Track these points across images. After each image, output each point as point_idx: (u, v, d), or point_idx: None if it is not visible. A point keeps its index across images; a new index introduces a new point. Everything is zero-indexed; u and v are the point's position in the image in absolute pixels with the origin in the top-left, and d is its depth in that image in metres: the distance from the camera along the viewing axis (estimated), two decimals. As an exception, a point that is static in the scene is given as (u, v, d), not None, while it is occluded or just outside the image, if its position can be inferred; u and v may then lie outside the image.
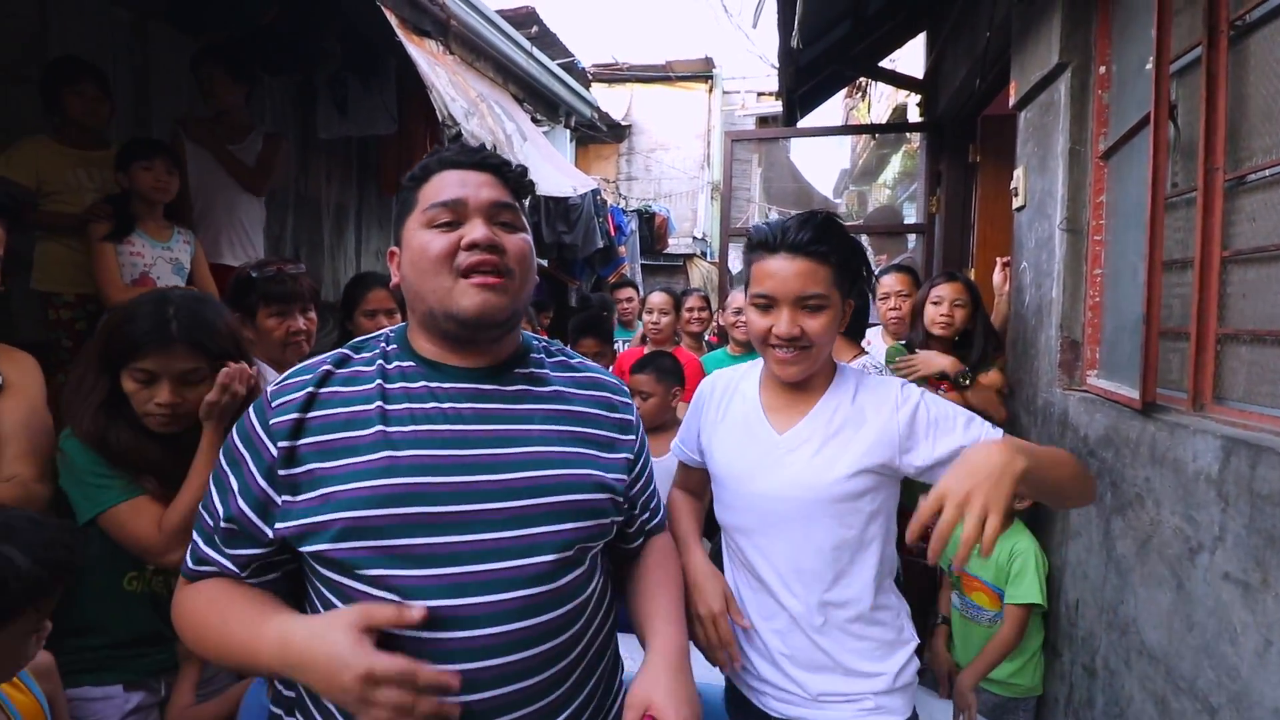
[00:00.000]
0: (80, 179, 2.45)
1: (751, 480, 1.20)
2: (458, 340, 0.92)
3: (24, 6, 2.80)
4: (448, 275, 0.89)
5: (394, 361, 0.93)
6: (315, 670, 0.75)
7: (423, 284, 0.90)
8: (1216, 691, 1.20)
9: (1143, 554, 1.49)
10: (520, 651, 0.84)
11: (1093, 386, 1.91)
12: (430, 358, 0.94)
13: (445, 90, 3.11)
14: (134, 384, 1.29)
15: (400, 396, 0.89)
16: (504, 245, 0.91)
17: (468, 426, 0.89)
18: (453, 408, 0.90)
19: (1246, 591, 1.14)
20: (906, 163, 10.21)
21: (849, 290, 1.18)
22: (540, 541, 0.87)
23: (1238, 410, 1.30)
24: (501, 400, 0.93)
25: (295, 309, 1.79)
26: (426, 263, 0.89)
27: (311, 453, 0.85)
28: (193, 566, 0.89)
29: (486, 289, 0.89)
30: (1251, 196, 1.33)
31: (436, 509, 0.83)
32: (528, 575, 0.85)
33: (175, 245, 2.52)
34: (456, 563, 0.82)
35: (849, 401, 1.19)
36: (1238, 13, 1.35)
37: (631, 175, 11.56)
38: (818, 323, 1.13)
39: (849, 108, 11.79)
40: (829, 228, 1.14)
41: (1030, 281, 2.31)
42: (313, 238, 4.40)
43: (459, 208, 0.91)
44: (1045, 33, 2.14)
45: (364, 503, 0.82)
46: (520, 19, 5.68)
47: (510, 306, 0.92)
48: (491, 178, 0.94)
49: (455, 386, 0.92)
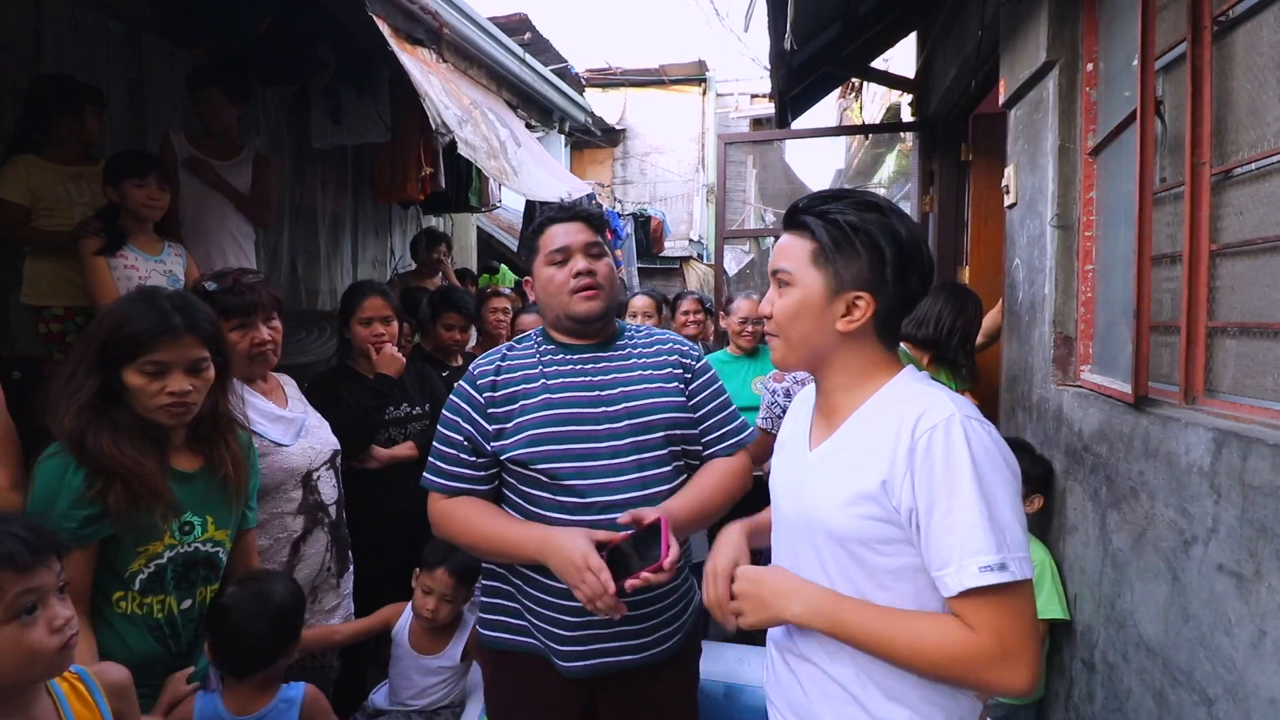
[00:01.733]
0: (70, 194, 2.46)
1: (783, 499, 1.10)
2: (576, 332, 1.46)
3: (18, 20, 2.81)
4: (566, 294, 1.42)
5: (543, 346, 1.48)
6: (561, 554, 1.22)
7: (552, 300, 1.44)
8: (1213, 683, 1.21)
9: (1138, 547, 1.50)
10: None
11: (1086, 381, 1.91)
12: (564, 341, 1.48)
13: (438, 98, 3.13)
14: (142, 378, 1.29)
15: (551, 364, 1.45)
16: (596, 270, 1.43)
17: (591, 378, 1.43)
18: (582, 367, 1.44)
19: (1240, 582, 1.14)
20: (901, 162, 10.23)
21: (850, 278, 0.97)
22: (645, 443, 1.39)
23: (1229, 403, 1.31)
24: (610, 360, 1.46)
25: (257, 319, 1.71)
26: (554, 287, 1.43)
27: (503, 399, 1.41)
28: (447, 483, 1.41)
29: (590, 299, 1.42)
30: (1238, 190, 1.34)
31: (579, 427, 1.37)
32: (640, 463, 1.38)
33: (167, 258, 2.52)
34: (595, 457, 1.36)
35: (881, 414, 0.97)
36: (1221, 8, 1.36)
37: (626, 179, 11.59)
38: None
39: (843, 108, 11.82)
40: (828, 198, 1.00)
41: (1023, 278, 2.32)
42: (309, 247, 4.41)
43: (566, 251, 1.43)
44: (1032, 31, 2.15)
45: (535, 424, 1.37)
46: (513, 26, 5.70)
47: (605, 307, 1.44)
48: (583, 225, 1.46)
49: (582, 356, 1.46)
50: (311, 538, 1.80)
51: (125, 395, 1.31)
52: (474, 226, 6.47)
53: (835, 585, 0.97)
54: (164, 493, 1.30)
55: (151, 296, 1.35)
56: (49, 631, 0.98)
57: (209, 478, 1.43)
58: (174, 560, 1.37)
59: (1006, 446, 0.93)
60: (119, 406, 1.30)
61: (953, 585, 0.87)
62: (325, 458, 1.86)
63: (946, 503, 0.87)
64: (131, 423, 1.30)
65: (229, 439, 1.46)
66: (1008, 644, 0.86)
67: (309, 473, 1.80)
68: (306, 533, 1.79)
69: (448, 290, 3.12)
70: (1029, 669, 0.87)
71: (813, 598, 0.96)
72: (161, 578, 1.35)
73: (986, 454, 0.89)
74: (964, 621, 0.88)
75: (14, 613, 0.96)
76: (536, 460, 1.36)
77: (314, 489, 1.81)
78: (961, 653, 0.87)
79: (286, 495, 1.75)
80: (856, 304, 0.97)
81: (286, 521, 1.75)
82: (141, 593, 1.33)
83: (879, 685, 0.96)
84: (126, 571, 1.31)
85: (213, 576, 1.45)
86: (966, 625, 0.88)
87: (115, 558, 1.30)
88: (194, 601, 1.41)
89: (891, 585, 0.94)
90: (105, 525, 1.27)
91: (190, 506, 1.39)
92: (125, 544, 1.30)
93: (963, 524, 0.86)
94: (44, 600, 0.99)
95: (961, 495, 0.87)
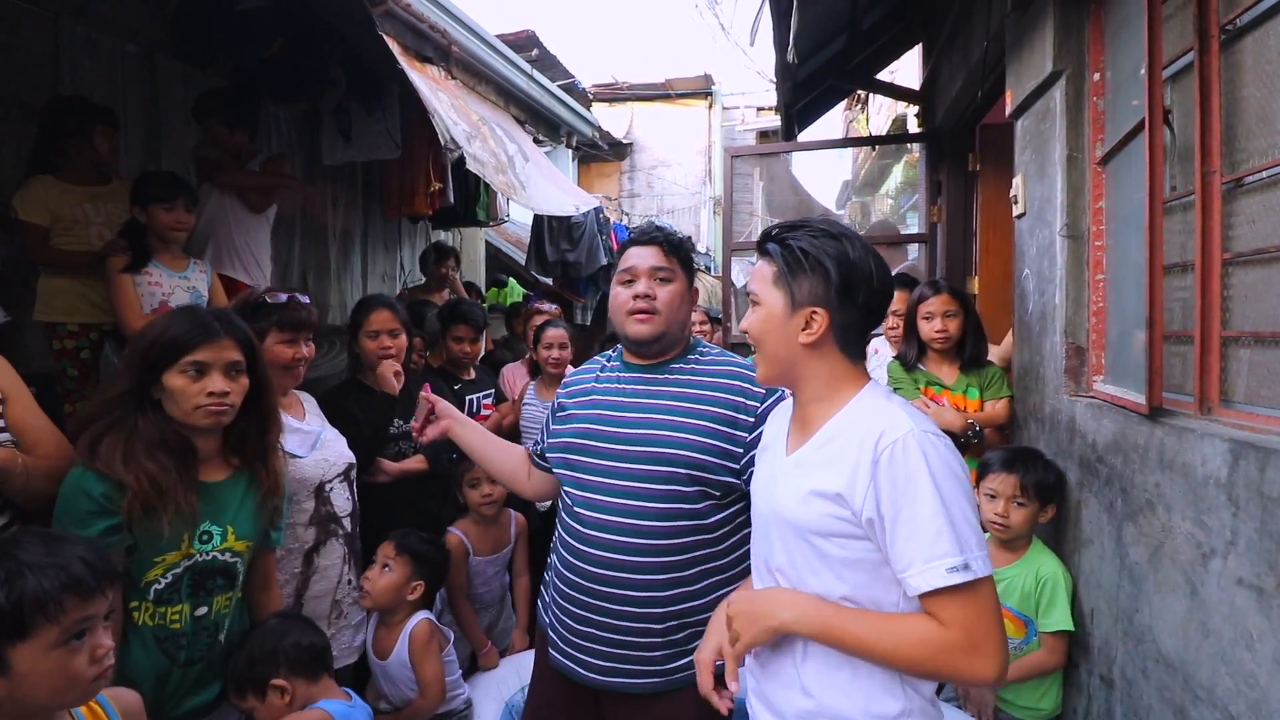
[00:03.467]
0: (87, 213, 2.50)
1: (759, 497, 1.20)
2: (635, 351, 1.52)
3: (36, 42, 2.87)
4: (623, 314, 1.48)
5: (611, 362, 1.58)
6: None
7: (615, 318, 1.51)
8: (1235, 699, 1.18)
9: (1155, 561, 1.47)
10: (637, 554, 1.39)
11: (1099, 392, 1.89)
12: (627, 360, 1.55)
13: (447, 115, 3.16)
14: (184, 379, 1.34)
15: (604, 381, 1.55)
16: (656, 295, 1.46)
17: (625, 399, 1.48)
18: (624, 388, 1.50)
19: (1261, 596, 1.12)
20: (908, 173, 10.24)
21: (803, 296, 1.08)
22: (647, 474, 1.40)
23: (1245, 413, 1.29)
24: (655, 384, 1.48)
25: (303, 337, 1.84)
26: (616, 305, 1.51)
27: (563, 408, 1.58)
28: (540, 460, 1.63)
29: (641, 323, 1.46)
30: (1250, 198, 1.33)
31: (593, 443, 1.46)
32: (635, 491, 1.40)
33: (192, 274, 2.57)
34: (599, 475, 1.44)
35: (850, 424, 1.07)
36: (1228, 16, 1.35)
37: (634, 192, 11.64)
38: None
39: (849, 120, 11.85)
40: (792, 227, 1.12)
41: (1033, 288, 2.31)
42: (319, 262, 4.45)
43: (633, 272, 1.48)
44: (1039, 41, 2.15)
45: (566, 435, 1.52)
46: (520, 42, 5.77)
47: (657, 332, 1.46)
48: (656, 249, 1.49)
49: (631, 376, 1.52)
50: (326, 549, 1.82)
51: (164, 402, 1.36)
52: (482, 241, 6.51)
53: (801, 574, 1.08)
54: (182, 503, 1.32)
55: (191, 309, 1.46)
56: (90, 660, 0.99)
57: (235, 488, 1.46)
58: (190, 569, 1.38)
59: (960, 456, 1.04)
60: (145, 414, 1.34)
61: (921, 585, 0.96)
62: (339, 470, 1.88)
63: (910, 511, 0.97)
64: (154, 433, 1.33)
65: (272, 452, 1.51)
66: (975, 636, 0.95)
67: (321, 484, 1.82)
68: (319, 544, 1.81)
69: (456, 303, 3.14)
70: (997, 658, 0.96)
71: (803, 605, 1.04)
72: (177, 587, 1.37)
73: (944, 465, 0.99)
74: (935, 618, 0.97)
75: (66, 637, 0.97)
76: (560, 467, 1.52)
77: (326, 500, 1.84)
78: (936, 647, 0.96)
79: (299, 506, 1.78)
80: (813, 319, 1.09)
81: (299, 532, 1.78)
82: (156, 602, 1.35)
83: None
84: (143, 581, 1.33)
85: (229, 586, 1.46)
86: (938, 622, 0.97)
87: (131, 567, 1.32)
88: (209, 610, 1.42)
89: (848, 576, 1.04)
90: (125, 535, 1.29)
91: (210, 516, 1.40)
92: (142, 554, 1.32)
93: (927, 531, 0.96)
94: (93, 628, 1.00)
95: (924, 504, 0.96)
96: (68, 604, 0.96)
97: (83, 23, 3.00)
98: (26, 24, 2.84)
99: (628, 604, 1.39)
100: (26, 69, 2.84)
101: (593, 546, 1.42)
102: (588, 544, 1.43)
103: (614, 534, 1.40)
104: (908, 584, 0.98)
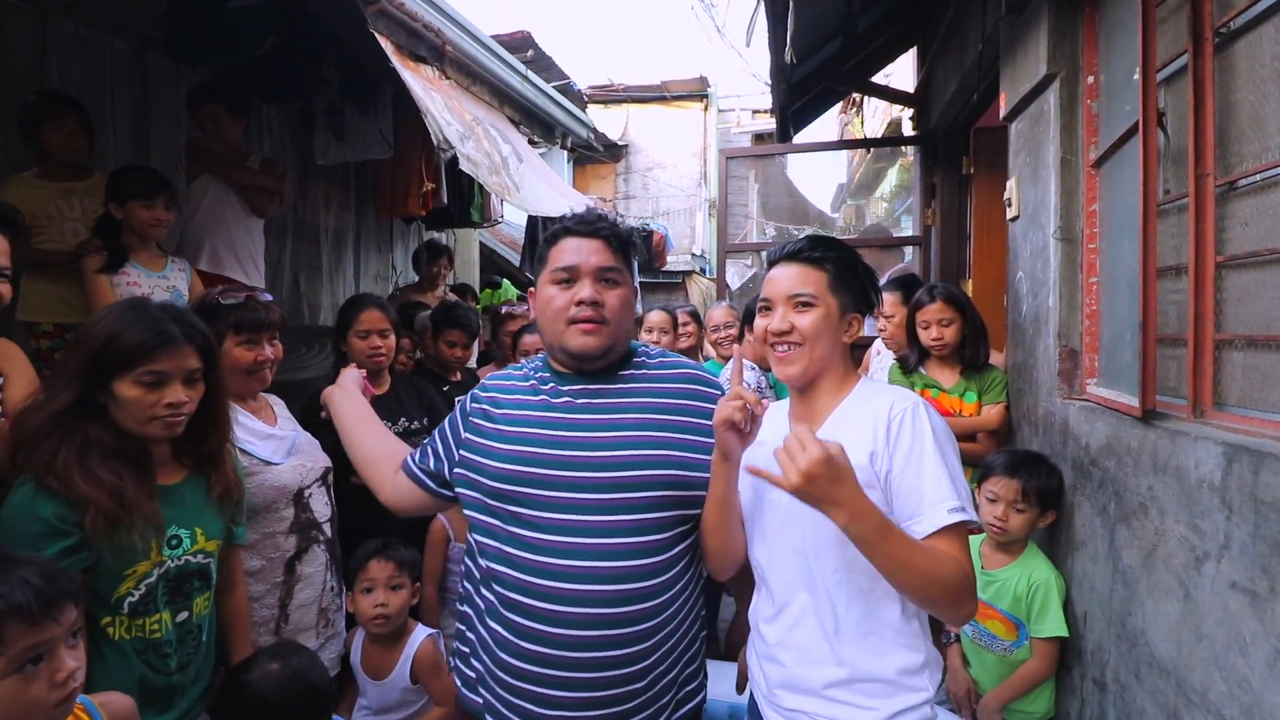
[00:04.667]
0: (61, 210, 2.45)
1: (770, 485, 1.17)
2: (571, 365, 1.27)
3: (24, 40, 2.84)
4: (563, 322, 1.23)
5: (540, 373, 1.31)
6: None
7: (546, 326, 1.26)
8: (1229, 704, 1.18)
9: (1149, 564, 1.47)
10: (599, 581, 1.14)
11: (1093, 395, 1.89)
12: (560, 371, 1.30)
13: (440, 115, 3.14)
14: (139, 389, 1.25)
15: (539, 394, 1.28)
16: (604, 301, 1.22)
17: (577, 415, 1.23)
18: (571, 402, 1.25)
19: (1255, 600, 1.12)
20: (903, 176, 10.26)
21: (851, 301, 1.22)
22: (628, 503, 1.16)
23: (1238, 416, 1.29)
24: (608, 396, 1.24)
25: (264, 338, 1.73)
26: (550, 311, 1.24)
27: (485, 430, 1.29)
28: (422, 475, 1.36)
29: (588, 335, 1.22)
30: (1243, 201, 1.33)
31: (547, 471, 1.18)
32: (614, 526, 1.15)
33: (171, 273, 2.52)
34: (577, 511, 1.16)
35: (857, 407, 1.20)
36: (1222, 20, 1.35)
37: (629, 194, 11.64)
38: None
39: (844, 123, 11.88)
40: (822, 241, 1.25)
41: (1027, 291, 2.31)
42: (311, 262, 4.43)
43: (574, 271, 1.23)
44: (1032, 44, 2.15)
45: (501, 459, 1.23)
46: (516, 43, 5.74)
47: (605, 345, 1.24)
48: (602, 244, 1.24)
49: (574, 388, 1.26)
50: (308, 556, 1.78)
51: (111, 409, 1.27)
52: (476, 242, 6.49)
53: (821, 542, 1.14)
54: (147, 511, 1.26)
55: (142, 306, 1.32)
56: (49, 686, 0.94)
57: (194, 489, 1.41)
58: (164, 576, 1.33)
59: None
60: (95, 422, 1.26)
61: (928, 525, 1.08)
62: (317, 475, 1.84)
63: (917, 464, 1.11)
64: (107, 439, 1.26)
65: (222, 457, 1.45)
66: (969, 571, 1.08)
67: (300, 490, 1.77)
68: (301, 551, 1.76)
69: (452, 307, 3.12)
70: (976, 598, 1.11)
71: (863, 509, 1.01)
72: (153, 596, 1.31)
73: (943, 429, 1.16)
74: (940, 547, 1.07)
75: (17, 665, 0.92)
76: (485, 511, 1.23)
77: (306, 506, 1.79)
78: (962, 576, 1.06)
79: (278, 514, 1.72)
80: (854, 322, 1.23)
81: (279, 540, 1.73)
82: (131, 615, 1.29)
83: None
84: (113, 596, 1.26)
85: (205, 587, 1.42)
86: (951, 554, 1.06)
87: (99, 584, 1.25)
88: (189, 614, 1.38)
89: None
90: (84, 556, 1.21)
91: (175, 520, 1.35)
92: (109, 569, 1.25)
93: (931, 479, 1.10)
94: (51, 652, 0.95)
95: (929, 458, 1.11)
96: (10, 633, 0.90)
97: (71, 20, 2.97)
98: (14, 20, 2.81)
99: (609, 667, 1.13)
100: (14, 66, 2.81)
101: (559, 603, 1.12)
102: (551, 600, 1.13)
103: (587, 583, 1.12)
104: (915, 524, 1.08)
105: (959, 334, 2.43)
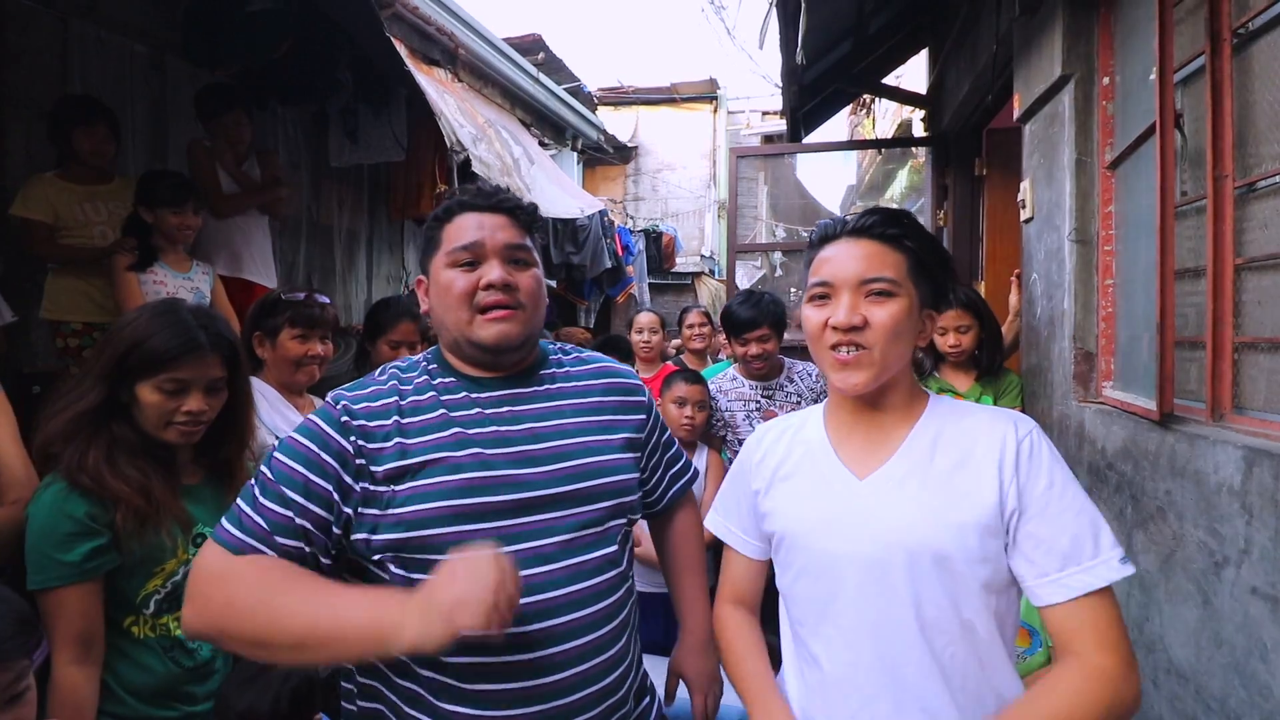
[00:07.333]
0: (88, 213, 2.52)
1: (826, 535, 0.95)
2: (481, 362, 1.04)
3: (46, 43, 2.89)
4: (468, 310, 1.01)
5: (438, 379, 1.05)
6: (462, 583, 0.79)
7: (448, 317, 1.03)
8: (1249, 711, 1.16)
9: (1167, 569, 1.46)
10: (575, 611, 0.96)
11: (1109, 398, 1.88)
12: (466, 373, 1.05)
13: (453, 117, 3.17)
14: (159, 395, 1.25)
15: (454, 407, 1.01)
16: (517, 283, 1.02)
17: (509, 427, 1.01)
18: (494, 412, 1.02)
19: (1276, 606, 1.11)
20: (913, 177, 10.20)
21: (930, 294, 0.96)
22: (581, 518, 0.99)
23: (1258, 420, 1.28)
24: (532, 402, 1.05)
25: (317, 335, 1.83)
26: (451, 299, 1.01)
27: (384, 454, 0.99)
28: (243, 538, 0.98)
29: (502, 321, 1.01)
30: (1262, 203, 1.31)
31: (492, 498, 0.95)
32: (570, 545, 0.97)
33: (195, 275, 2.60)
34: (536, 536, 0.95)
35: (953, 430, 0.94)
36: (1240, 20, 1.34)
37: (638, 195, 11.65)
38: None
39: (854, 125, 11.83)
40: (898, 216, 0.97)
41: (1041, 293, 2.29)
42: (325, 263, 4.46)
43: (477, 249, 1.02)
44: (1047, 45, 2.14)
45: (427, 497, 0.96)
46: (527, 46, 5.77)
47: (524, 333, 1.03)
48: (507, 219, 1.05)
49: (491, 395, 1.03)
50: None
51: (133, 410, 1.27)
52: (487, 243, 6.51)
53: (923, 610, 0.88)
54: (174, 509, 1.27)
55: (174, 310, 1.31)
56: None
57: (215, 489, 1.42)
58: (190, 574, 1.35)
59: None
60: (121, 421, 1.26)
61: (1097, 579, 0.83)
62: None
63: (1060, 501, 0.87)
64: (132, 439, 1.26)
65: (239, 467, 1.45)
66: (1127, 649, 0.83)
67: None
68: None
69: None
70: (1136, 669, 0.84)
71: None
72: (176, 595, 1.32)
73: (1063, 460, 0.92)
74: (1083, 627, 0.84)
75: None
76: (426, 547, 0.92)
77: None
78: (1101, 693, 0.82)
79: None
80: (928, 321, 0.97)
81: None
82: (156, 614, 1.29)
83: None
84: (139, 596, 1.27)
85: None
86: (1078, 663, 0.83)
87: (124, 583, 1.25)
88: None
89: (973, 602, 0.89)
90: (113, 556, 1.21)
91: (201, 519, 1.36)
92: (136, 568, 1.26)
93: (1084, 523, 0.86)
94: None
95: (1073, 493, 0.88)
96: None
97: (92, 23, 3.01)
98: (36, 25, 2.85)
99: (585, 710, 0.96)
100: (36, 69, 2.85)
101: (525, 650, 0.92)
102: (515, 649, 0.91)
103: (551, 618, 0.94)
104: (1071, 578, 0.84)
105: (976, 340, 2.42)
